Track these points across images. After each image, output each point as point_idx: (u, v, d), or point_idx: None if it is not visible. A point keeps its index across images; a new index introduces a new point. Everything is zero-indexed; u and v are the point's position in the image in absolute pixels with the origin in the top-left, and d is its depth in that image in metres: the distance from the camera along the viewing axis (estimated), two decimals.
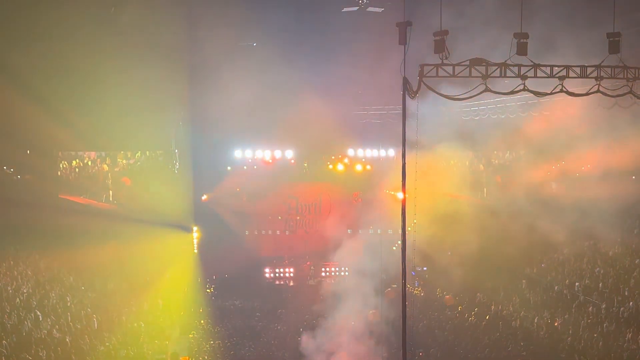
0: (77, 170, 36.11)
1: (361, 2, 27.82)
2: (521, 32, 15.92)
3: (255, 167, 38.93)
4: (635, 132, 24.84)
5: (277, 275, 39.81)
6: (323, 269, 39.61)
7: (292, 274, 39.87)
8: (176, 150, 37.09)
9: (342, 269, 38.12)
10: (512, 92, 17.02)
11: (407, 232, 15.84)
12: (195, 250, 37.40)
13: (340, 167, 39.16)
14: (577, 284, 28.31)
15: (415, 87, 15.73)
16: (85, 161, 36.51)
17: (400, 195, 16.01)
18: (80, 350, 22.77)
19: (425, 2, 17.61)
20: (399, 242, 16.33)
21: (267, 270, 39.61)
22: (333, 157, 39.37)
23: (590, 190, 27.80)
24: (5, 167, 33.68)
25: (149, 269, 32.28)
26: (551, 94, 17.08)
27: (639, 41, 20.25)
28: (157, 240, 33.18)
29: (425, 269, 36.34)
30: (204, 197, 38.54)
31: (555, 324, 26.46)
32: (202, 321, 30.73)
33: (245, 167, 38.98)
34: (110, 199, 36.07)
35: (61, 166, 35.84)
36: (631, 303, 24.83)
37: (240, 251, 37.99)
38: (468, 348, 26.92)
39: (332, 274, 39.36)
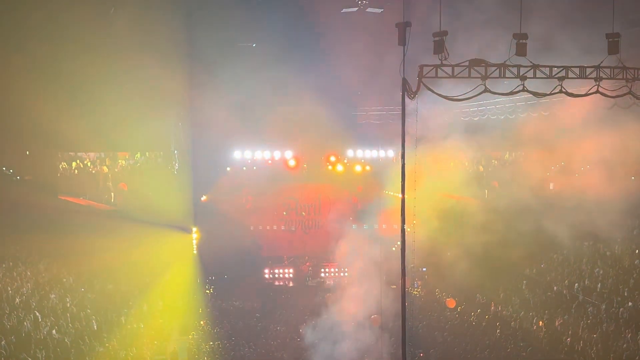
0: (76, 171, 36.09)
1: (360, 3, 27.81)
2: (520, 33, 15.92)
3: (254, 167, 38.95)
4: (635, 132, 24.82)
5: (276, 275, 39.87)
6: (322, 270, 39.69)
7: (291, 275, 39.92)
8: (175, 151, 37.10)
9: (342, 269, 38.18)
10: (512, 93, 17.01)
11: (406, 233, 15.86)
12: (195, 251, 37.40)
13: (339, 167, 39.17)
14: (576, 284, 28.31)
15: (415, 87, 15.73)
16: (85, 162, 36.50)
17: (399, 196, 16.04)
18: (80, 351, 22.74)
19: (425, 3, 17.62)
20: (399, 242, 16.35)
21: (266, 270, 39.67)
22: (332, 158, 39.36)
23: (589, 191, 27.76)
24: (4, 168, 33.66)
25: (148, 270, 32.28)
26: (550, 94, 17.08)
27: (638, 42, 20.25)
28: (157, 241, 33.17)
29: (424, 269, 36.35)
30: (204, 197, 38.55)
31: (556, 324, 26.46)
32: (201, 322, 30.72)
33: (244, 168, 39.00)
34: (112, 200, 36.03)
35: (60, 167, 35.82)
36: (630, 303, 24.83)
37: (240, 252, 38.04)
38: (468, 349, 26.91)
39: (332, 274, 39.45)
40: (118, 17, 25.96)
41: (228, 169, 38.96)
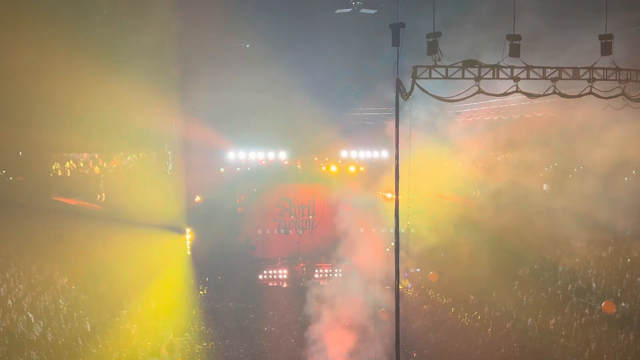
0: (69, 172, 35.92)
1: (354, 4, 27.78)
2: (514, 34, 15.92)
3: (248, 168, 38.92)
4: (629, 133, 24.89)
5: (270, 276, 39.82)
6: (316, 270, 39.65)
7: (285, 276, 39.86)
8: (169, 152, 36.99)
9: (336, 270, 38.15)
10: (505, 94, 17.01)
11: (400, 234, 15.85)
12: (189, 252, 37.31)
13: (333, 168, 39.18)
14: (569, 285, 28.38)
15: (408, 88, 15.72)
16: (79, 163, 36.30)
17: (391, 195, 16.06)
18: (73, 352, 22.67)
19: (419, 3, 17.60)
20: (392, 243, 16.37)
21: (260, 271, 39.60)
22: (327, 159, 39.37)
23: (583, 192, 27.83)
24: None
25: (142, 271, 32.15)
26: (544, 95, 17.10)
27: (631, 43, 20.30)
28: (151, 242, 33.05)
29: (418, 270, 36.36)
30: (197, 198, 38.47)
31: (550, 325, 26.51)
32: (194, 323, 30.63)
33: (238, 169, 38.97)
34: (103, 199, 35.85)
35: (54, 168, 35.64)
36: (623, 304, 24.91)
37: (234, 253, 38.00)
38: (461, 349, 26.95)
39: (326, 275, 39.42)
40: (110, 16, 25.86)
41: (222, 169, 38.91)
